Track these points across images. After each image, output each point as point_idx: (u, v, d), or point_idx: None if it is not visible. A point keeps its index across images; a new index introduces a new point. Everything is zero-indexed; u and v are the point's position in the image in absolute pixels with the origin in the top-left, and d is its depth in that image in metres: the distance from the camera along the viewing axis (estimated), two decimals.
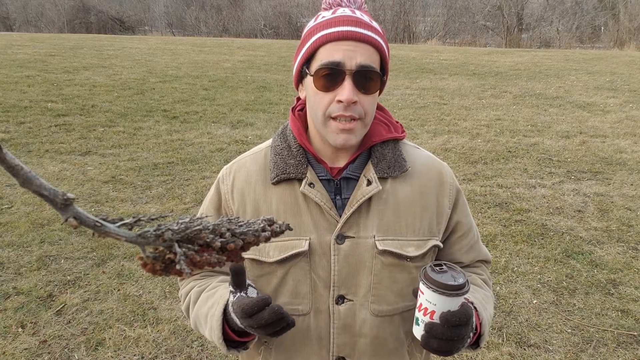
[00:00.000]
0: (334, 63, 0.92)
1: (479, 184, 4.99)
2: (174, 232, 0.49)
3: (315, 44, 0.95)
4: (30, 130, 6.66)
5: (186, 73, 11.83)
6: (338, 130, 0.95)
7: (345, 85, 0.92)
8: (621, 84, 10.58)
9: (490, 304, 1.08)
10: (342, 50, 0.92)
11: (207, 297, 1.03)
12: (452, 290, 0.84)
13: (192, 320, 1.08)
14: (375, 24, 0.98)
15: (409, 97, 9.49)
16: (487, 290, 1.11)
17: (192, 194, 4.64)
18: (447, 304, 0.86)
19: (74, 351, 2.57)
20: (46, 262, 3.41)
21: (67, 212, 0.45)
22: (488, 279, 1.17)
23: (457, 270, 0.89)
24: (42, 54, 14.11)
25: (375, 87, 0.95)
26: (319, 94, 0.95)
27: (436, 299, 0.86)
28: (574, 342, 2.68)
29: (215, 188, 1.11)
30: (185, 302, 1.11)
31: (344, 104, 0.93)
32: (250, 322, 0.88)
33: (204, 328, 1.03)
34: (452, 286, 0.84)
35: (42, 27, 31.57)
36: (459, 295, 0.85)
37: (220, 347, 0.97)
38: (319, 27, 0.96)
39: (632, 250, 3.65)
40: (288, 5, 28.86)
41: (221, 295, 1.00)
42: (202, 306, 1.03)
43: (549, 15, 26.09)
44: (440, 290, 0.85)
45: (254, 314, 0.87)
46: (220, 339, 0.96)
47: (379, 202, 1.02)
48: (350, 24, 0.94)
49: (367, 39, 0.93)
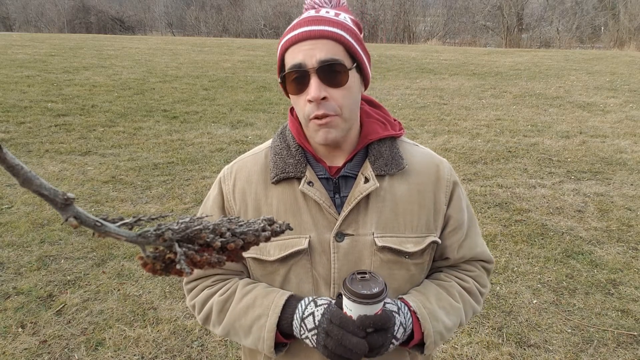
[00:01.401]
0: (296, 65, 0.94)
1: (479, 184, 4.99)
2: (174, 231, 0.49)
3: (281, 52, 0.99)
4: (30, 130, 6.66)
5: (186, 73, 11.83)
6: (316, 127, 0.97)
7: (311, 83, 0.94)
8: (621, 84, 10.58)
9: (453, 314, 1.05)
10: (301, 51, 0.94)
11: (247, 308, 1.02)
12: (363, 298, 0.89)
13: (223, 330, 1.06)
14: (342, 18, 0.98)
15: (409, 97, 9.49)
16: (457, 299, 1.08)
17: (192, 194, 4.64)
18: (361, 311, 0.90)
19: (74, 351, 2.57)
20: (46, 262, 3.41)
21: (67, 212, 0.45)
22: (476, 286, 1.13)
23: (378, 280, 0.93)
24: (42, 54, 14.11)
25: (343, 79, 0.95)
26: (294, 98, 0.98)
27: (351, 305, 0.90)
28: (574, 342, 2.68)
29: (217, 188, 1.11)
30: (204, 312, 1.08)
31: (314, 102, 0.94)
32: (336, 331, 0.90)
33: (244, 338, 1.03)
34: (364, 295, 0.89)
35: (42, 27, 31.58)
36: (370, 304, 0.89)
37: (270, 355, 0.99)
38: (284, 34, 0.99)
39: (632, 250, 3.65)
40: (288, 5, 28.86)
41: (267, 305, 1.00)
42: (241, 317, 1.02)
43: (549, 15, 26.10)
44: (352, 298, 0.90)
45: (345, 329, 0.90)
46: (271, 348, 0.98)
47: (377, 199, 1.03)
48: (307, 24, 0.96)
49: (324, 34, 0.94)
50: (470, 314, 1.11)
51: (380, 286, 0.91)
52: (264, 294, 1.02)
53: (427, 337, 0.99)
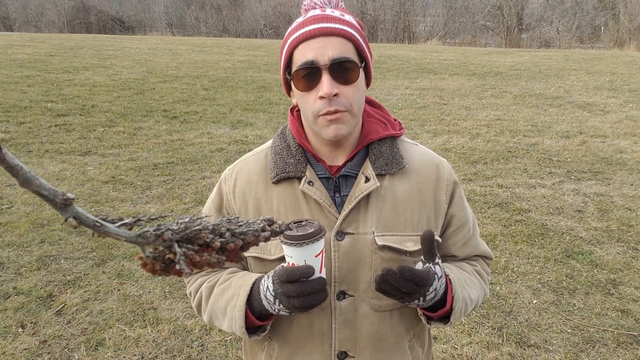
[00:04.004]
0: (307, 62, 0.94)
1: (479, 184, 4.99)
2: (173, 232, 0.49)
3: (290, 49, 0.98)
4: (30, 130, 6.66)
5: (186, 73, 11.83)
6: (327, 122, 0.97)
7: (323, 80, 0.94)
8: (621, 84, 10.58)
9: (474, 288, 1.08)
10: (313, 48, 0.94)
11: (223, 290, 1.04)
12: (298, 240, 0.87)
13: (207, 315, 1.08)
14: (348, 18, 1.00)
15: (409, 97, 9.49)
16: (474, 277, 1.12)
17: (192, 194, 4.64)
18: (300, 253, 0.88)
19: (74, 351, 2.57)
20: (46, 262, 3.41)
21: (66, 212, 0.45)
22: (483, 271, 1.17)
23: (314, 224, 0.91)
24: (42, 54, 14.11)
25: (354, 77, 0.97)
26: (303, 95, 0.98)
27: (290, 251, 0.89)
28: (574, 342, 2.68)
29: (217, 189, 1.13)
30: (196, 299, 1.11)
31: (326, 99, 0.94)
32: (290, 288, 0.89)
33: (222, 321, 1.04)
34: (298, 237, 0.87)
35: (42, 27, 31.58)
36: (307, 244, 0.87)
37: (242, 335, 0.99)
38: (291, 32, 0.99)
39: (632, 250, 3.65)
40: (288, 5, 28.85)
41: (240, 285, 1.01)
42: (218, 299, 1.04)
43: (549, 15, 26.09)
44: (287, 242, 0.88)
45: (295, 280, 0.89)
46: (242, 327, 0.98)
47: (377, 198, 1.03)
48: (317, 22, 0.96)
49: (336, 32, 0.95)
50: (482, 295, 1.14)
51: (315, 227, 0.89)
52: (240, 276, 1.04)
53: (455, 302, 1.00)
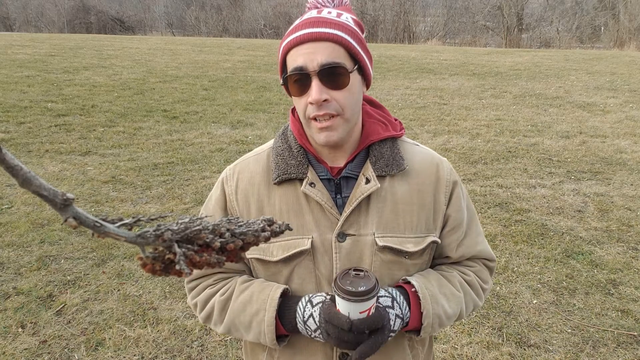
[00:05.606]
0: (297, 68, 0.95)
1: (479, 184, 4.99)
2: (173, 232, 0.49)
3: (282, 54, 1.00)
4: (30, 130, 6.66)
5: (186, 73, 11.83)
6: (318, 129, 0.98)
7: (312, 86, 0.94)
8: (621, 84, 10.58)
9: (454, 302, 1.06)
10: (302, 54, 0.95)
11: (244, 305, 1.04)
12: (350, 295, 0.91)
13: (224, 327, 1.08)
14: (344, 19, 0.98)
15: (409, 97, 9.49)
16: (459, 289, 1.09)
17: (192, 194, 4.64)
18: (349, 307, 0.92)
19: (74, 351, 2.57)
20: (46, 262, 3.40)
21: (66, 213, 0.45)
22: (478, 279, 1.13)
23: (370, 279, 0.94)
24: (42, 54, 14.11)
25: (344, 81, 0.96)
26: (296, 98, 0.99)
27: (340, 302, 0.93)
28: (574, 342, 2.68)
29: (219, 189, 1.12)
30: (205, 311, 1.10)
31: (315, 105, 0.95)
32: (331, 330, 0.93)
33: (245, 333, 1.06)
34: (349, 292, 0.91)
35: (42, 27, 31.58)
36: (357, 301, 0.91)
37: (272, 346, 1.03)
38: (285, 36, 1.00)
39: (632, 250, 3.65)
40: (288, 5, 28.85)
41: (263, 300, 1.02)
42: (240, 314, 1.05)
43: (549, 15, 26.09)
44: (340, 295, 0.92)
45: (336, 325, 0.93)
46: (273, 340, 1.01)
47: (377, 199, 1.03)
48: (308, 26, 0.96)
49: (325, 37, 0.94)
50: (471, 306, 1.12)
51: (369, 285, 0.92)
52: (259, 289, 1.04)
53: (425, 318, 1.01)
